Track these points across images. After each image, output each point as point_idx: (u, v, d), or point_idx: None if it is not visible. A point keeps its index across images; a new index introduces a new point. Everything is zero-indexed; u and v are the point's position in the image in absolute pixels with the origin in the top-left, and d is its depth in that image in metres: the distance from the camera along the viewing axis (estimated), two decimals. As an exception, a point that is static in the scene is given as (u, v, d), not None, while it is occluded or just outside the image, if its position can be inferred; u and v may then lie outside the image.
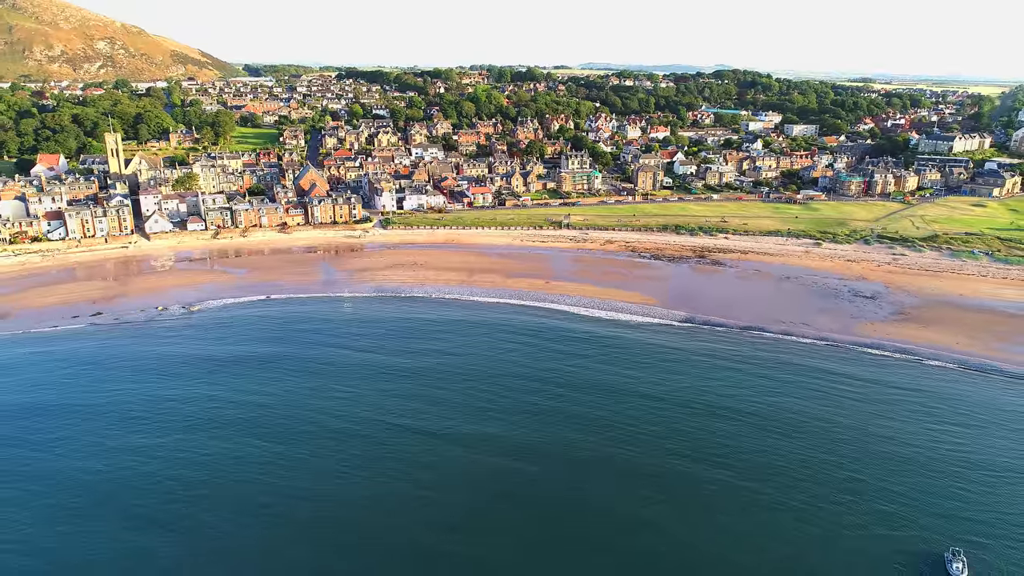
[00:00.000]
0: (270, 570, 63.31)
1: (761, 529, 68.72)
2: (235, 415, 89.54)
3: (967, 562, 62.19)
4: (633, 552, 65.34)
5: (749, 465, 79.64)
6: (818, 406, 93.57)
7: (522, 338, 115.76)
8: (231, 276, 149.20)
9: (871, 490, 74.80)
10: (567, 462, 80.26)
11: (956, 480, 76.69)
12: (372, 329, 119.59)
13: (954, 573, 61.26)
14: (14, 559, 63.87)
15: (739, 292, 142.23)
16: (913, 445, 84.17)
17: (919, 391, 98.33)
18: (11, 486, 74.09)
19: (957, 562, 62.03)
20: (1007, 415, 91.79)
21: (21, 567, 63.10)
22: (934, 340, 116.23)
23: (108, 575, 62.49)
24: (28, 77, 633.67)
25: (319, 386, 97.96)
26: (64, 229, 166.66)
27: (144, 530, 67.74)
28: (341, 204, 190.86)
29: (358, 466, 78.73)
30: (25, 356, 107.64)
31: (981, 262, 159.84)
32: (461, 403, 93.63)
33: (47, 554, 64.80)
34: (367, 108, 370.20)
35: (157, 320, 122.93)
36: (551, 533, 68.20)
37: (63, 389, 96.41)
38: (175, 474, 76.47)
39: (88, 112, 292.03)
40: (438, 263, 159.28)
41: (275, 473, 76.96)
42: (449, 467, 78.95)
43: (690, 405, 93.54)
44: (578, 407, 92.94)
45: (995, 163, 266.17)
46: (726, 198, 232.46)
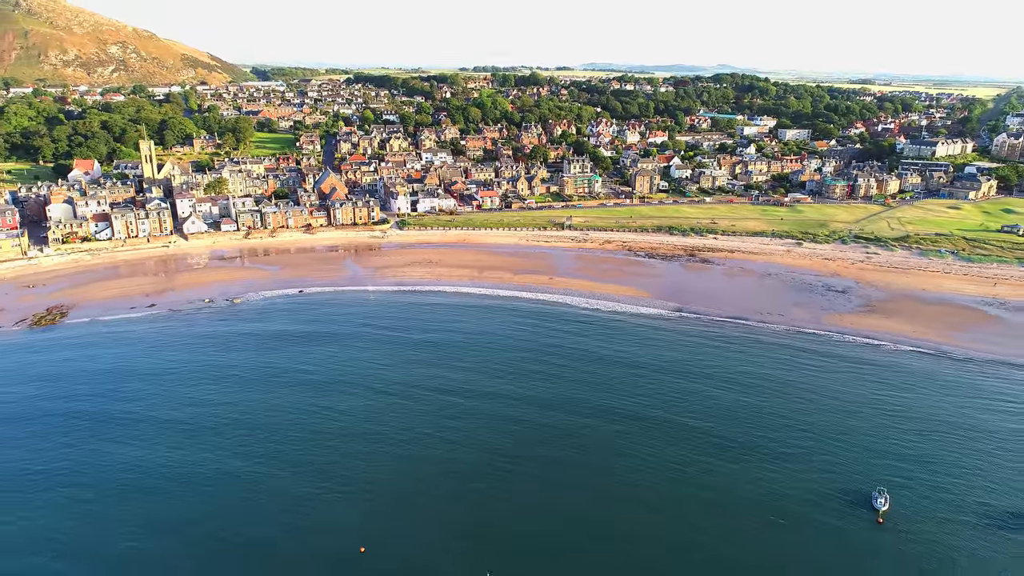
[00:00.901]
0: (348, 473, 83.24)
1: (724, 464, 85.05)
2: (289, 377, 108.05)
3: (888, 498, 77.64)
4: (620, 467, 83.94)
5: (717, 414, 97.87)
6: (780, 373, 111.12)
7: (529, 322, 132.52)
8: (266, 273, 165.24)
9: (817, 439, 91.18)
10: (567, 411, 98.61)
11: (890, 432, 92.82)
12: (397, 315, 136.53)
13: (877, 506, 76.70)
14: (160, 452, 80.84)
15: (724, 287, 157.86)
16: (857, 404, 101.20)
17: (871, 365, 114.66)
18: (140, 424, 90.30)
19: (880, 498, 77.52)
20: (944, 385, 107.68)
21: (166, 461, 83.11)
22: (894, 329, 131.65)
23: (214, 485, 79.75)
24: (44, 81, 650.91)
25: (354, 356, 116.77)
26: (111, 230, 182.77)
27: (237, 451, 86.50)
28: (360, 206, 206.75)
29: (396, 415, 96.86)
30: (105, 337, 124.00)
31: (946, 260, 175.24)
32: (478, 369, 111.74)
33: (184, 454, 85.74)
34: (377, 113, 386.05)
35: (206, 311, 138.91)
36: (556, 456, 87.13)
37: (145, 360, 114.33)
38: (252, 420, 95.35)
39: (116, 119, 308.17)
40: (451, 261, 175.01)
41: (329, 418, 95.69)
42: (471, 415, 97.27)
43: (673, 372, 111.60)
44: (577, 373, 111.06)
45: (975, 167, 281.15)
46: (718, 201, 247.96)
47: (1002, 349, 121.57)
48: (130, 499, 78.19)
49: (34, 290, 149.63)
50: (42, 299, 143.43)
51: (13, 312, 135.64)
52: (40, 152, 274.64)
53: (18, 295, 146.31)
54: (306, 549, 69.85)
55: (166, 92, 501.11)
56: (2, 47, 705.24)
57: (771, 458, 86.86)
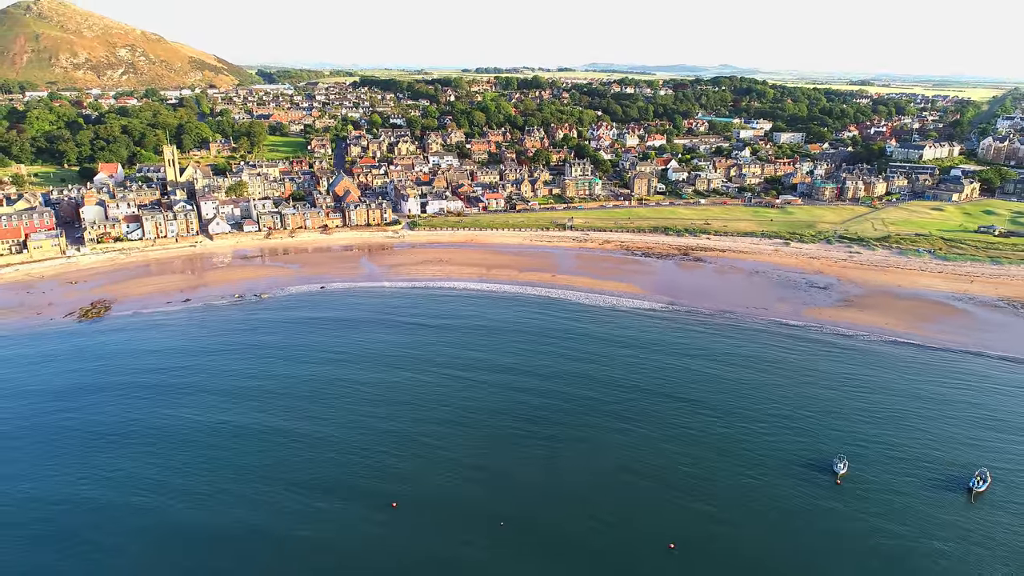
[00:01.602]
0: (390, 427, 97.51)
1: (705, 428, 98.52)
2: (319, 356, 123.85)
3: (848, 463, 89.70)
4: (612, 426, 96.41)
5: (701, 386, 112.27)
6: (758, 353, 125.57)
7: (534, 312, 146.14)
8: (288, 270, 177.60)
9: (788, 411, 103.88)
10: (566, 381, 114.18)
11: (853, 404, 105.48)
12: (413, 307, 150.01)
13: (836, 470, 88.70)
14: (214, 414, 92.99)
15: (715, 284, 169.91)
16: (825, 379, 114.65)
17: (841, 348, 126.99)
18: (199, 392, 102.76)
19: (840, 463, 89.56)
20: (906, 366, 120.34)
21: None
22: (868, 321, 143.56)
23: (261, 439, 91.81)
24: (55, 84, 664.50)
25: (376, 339, 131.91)
26: (141, 230, 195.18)
27: (279, 413, 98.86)
28: (373, 208, 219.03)
29: (415, 386, 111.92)
30: (149, 326, 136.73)
31: (923, 259, 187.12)
32: (489, 348, 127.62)
33: (234, 415, 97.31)
34: (384, 117, 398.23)
35: (237, 305, 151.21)
36: (557, 418, 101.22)
37: (188, 343, 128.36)
38: (289, 389, 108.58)
39: (135, 123, 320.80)
40: (460, 260, 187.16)
41: (356, 389, 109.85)
42: (484, 385, 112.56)
43: (661, 351, 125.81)
44: (576, 351, 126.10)
45: (960, 170, 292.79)
46: (713, 202, 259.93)
47: (964, 339, 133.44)
48: (190, 447, 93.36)
49: (76, 286, 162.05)
50: (85, 294, 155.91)
51: (61, 306, 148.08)
52: (65, 156, 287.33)
53: (63, 291, 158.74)
54: (341, 503, 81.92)
55: (178, 96, 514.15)
56: (14, 50, 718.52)
57: (747, 425, 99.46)
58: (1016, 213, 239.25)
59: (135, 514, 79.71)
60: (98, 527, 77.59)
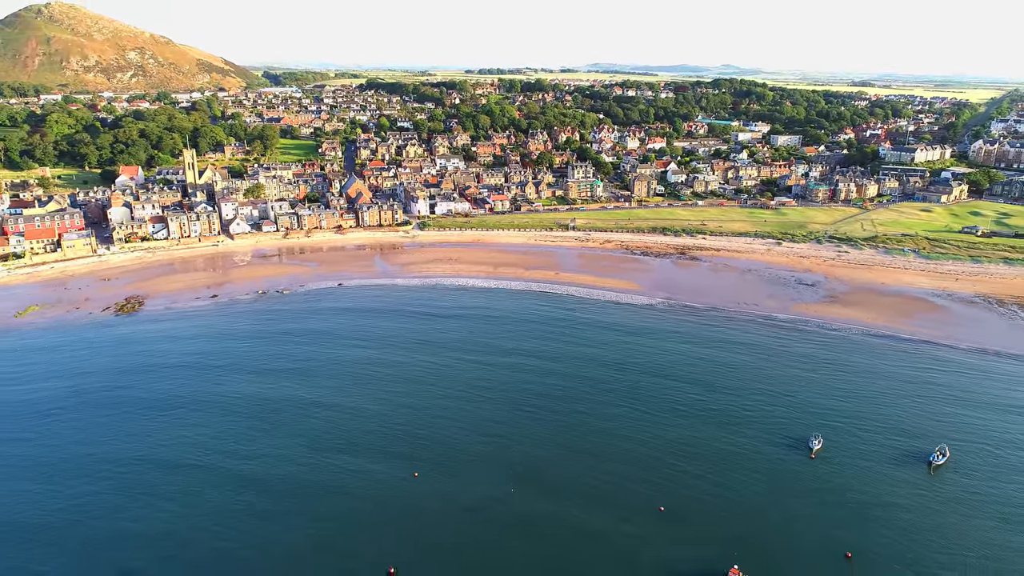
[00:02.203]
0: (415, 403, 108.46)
1: (693, 404, 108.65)
2: (344, 340, 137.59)
3: (822, 440, 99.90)
4: (608, 401, 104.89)
5: (691, 368, 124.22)
6: (747, 341, 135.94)
7: (539, 306, 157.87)
8: (307, 268, 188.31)
9: (769, 392, 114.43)
10: (569, 364, 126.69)
11: (830, 387, 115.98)
12: (427, 300, 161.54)
13: (811, 446, 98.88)
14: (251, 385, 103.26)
15: (709, 281, 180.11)
16: (806, 366, 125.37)
17: (824, 340, 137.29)
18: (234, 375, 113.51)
19: (815, 440, 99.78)
20: (882, 355, 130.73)
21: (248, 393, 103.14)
22: (851, 316, 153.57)
23: (297, 412, 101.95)
24: (67, 86, 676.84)
25: (395, 326, 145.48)
26: (166, 230, 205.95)
27: (312, 389, 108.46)
28: (385, 209, 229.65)
29: (434, 364, 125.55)
30: (182, 318, 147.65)
31: (908, 258, 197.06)
32: (499, 334, 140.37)
33: (270, 389, 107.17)
34: (391, 120, 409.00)
35: (260, 300, 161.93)
36: (559, 394, 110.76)
37: (222, 331, 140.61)
38: (317, 368, 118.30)
39: (152, 127, 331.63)
40: (469, 258, 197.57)
41: (381, 368, 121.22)
42: (495, 366, 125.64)
43: (657, 339, 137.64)
44: (578, 339, 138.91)
45: (950, 172, 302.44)
46: (710, 204, 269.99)
47: (939, 332, 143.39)
48: (233, 415, 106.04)
49: (110, 283, 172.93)
50: (119, 290, 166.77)
51: (98, 301, 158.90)
52: (86, 159, 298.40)
53: (98, 287, 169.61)
54: (368, 472, 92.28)
55: (188, 98, 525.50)
56: (26, 53, 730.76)
57: (733, 404, 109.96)
58: (1001, 214, 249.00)
59: (190, 470, 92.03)
60: (162, 481, 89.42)
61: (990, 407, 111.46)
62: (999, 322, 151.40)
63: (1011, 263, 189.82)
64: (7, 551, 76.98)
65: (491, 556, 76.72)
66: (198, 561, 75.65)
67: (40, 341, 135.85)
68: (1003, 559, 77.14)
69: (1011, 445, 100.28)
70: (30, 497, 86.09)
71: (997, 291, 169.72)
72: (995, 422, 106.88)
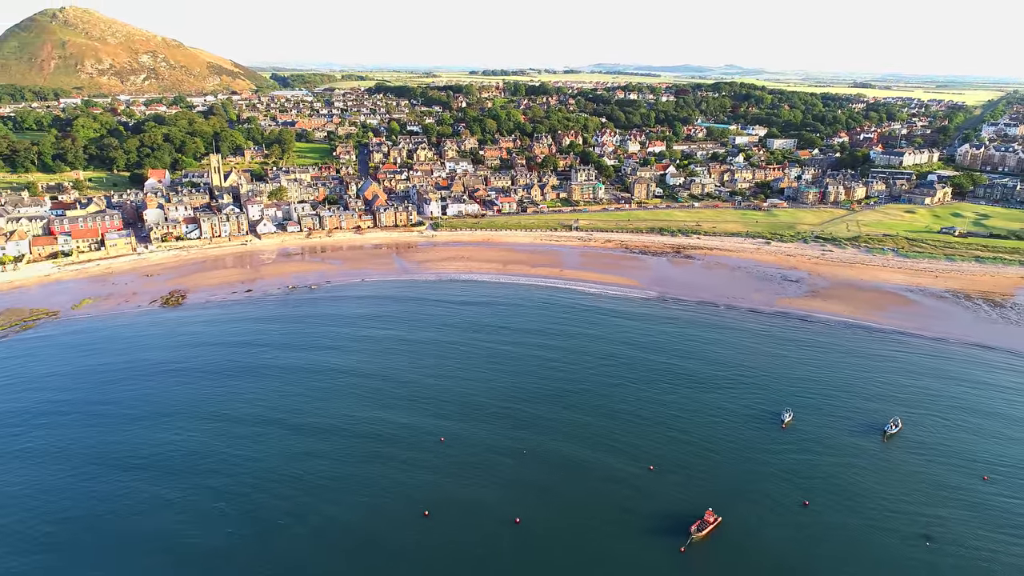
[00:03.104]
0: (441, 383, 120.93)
1: (681, 380, 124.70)
2: (371, 322, 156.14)
3: (793, 413, 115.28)
4: (606, 377, 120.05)
5: (679, 350, 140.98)
6: (732, 327, 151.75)
7: (545, 297, 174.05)
8: (331, 266, 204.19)
9: (753, 371, 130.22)
10: (573, 340, 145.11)
11: (800, 369, 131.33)
12: (443, 293, 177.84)
13: (783, 419, 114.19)
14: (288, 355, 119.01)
15: (702, 278, 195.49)
16: (783, 350, 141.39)
17: (802, 330, 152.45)
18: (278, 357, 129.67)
19: (787, 414, 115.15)
20: (851, 342, 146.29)
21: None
22: (829, 309, 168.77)
23: (335, 386, 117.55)
24: (82, 89, 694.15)
25: (416, 311, 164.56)
26: (199, 230, 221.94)
27: (345, 358, 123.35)
28: (400, 211, 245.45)
29: (453, 344, 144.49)
30: (223, 310, 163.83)
31: (887, 257, 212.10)
32: (511, 318, 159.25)
33: (311, 358, 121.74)
34: (401, 124, 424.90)
35: (292, 294, 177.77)
36: (561, 369, 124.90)
37: (263, 320, 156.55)
38: (348, 345, 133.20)
39: (175, 131, 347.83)
40: (479, 257, 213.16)
41: (408, 346, 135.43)
42: (507, 346, 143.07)
43: (650, 324, 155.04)
44: (581, 324, 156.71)
45: (935, 175, 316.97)
46: (706, 206, 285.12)
47: (908, 323, 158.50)
48: (283, 393, 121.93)
49: (152, 278, 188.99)
50: (161, 285, 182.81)
51: (145, 294, 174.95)
52: (114, 162, 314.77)
53: (142, 282, 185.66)
54: (400, 439, 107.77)
55: (203, 102, 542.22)
56: (42, 57, 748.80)
57: (715, 382, 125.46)
58: (980, 215, 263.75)
59: (256, 422, 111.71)
60: (231, 431, 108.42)
61: (943, 386, 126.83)
62: (964, 315, 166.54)
63: (982, 261, 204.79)
64: (131, 474, 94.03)
65: (505, 495, 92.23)
66: (271, 479, 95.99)
67: (100, 327, 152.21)
68: (936, 504, 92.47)
69: (958, 416, 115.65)
70: (145, 436, 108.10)
71: (966, 287, 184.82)
72: (946, 397, 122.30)
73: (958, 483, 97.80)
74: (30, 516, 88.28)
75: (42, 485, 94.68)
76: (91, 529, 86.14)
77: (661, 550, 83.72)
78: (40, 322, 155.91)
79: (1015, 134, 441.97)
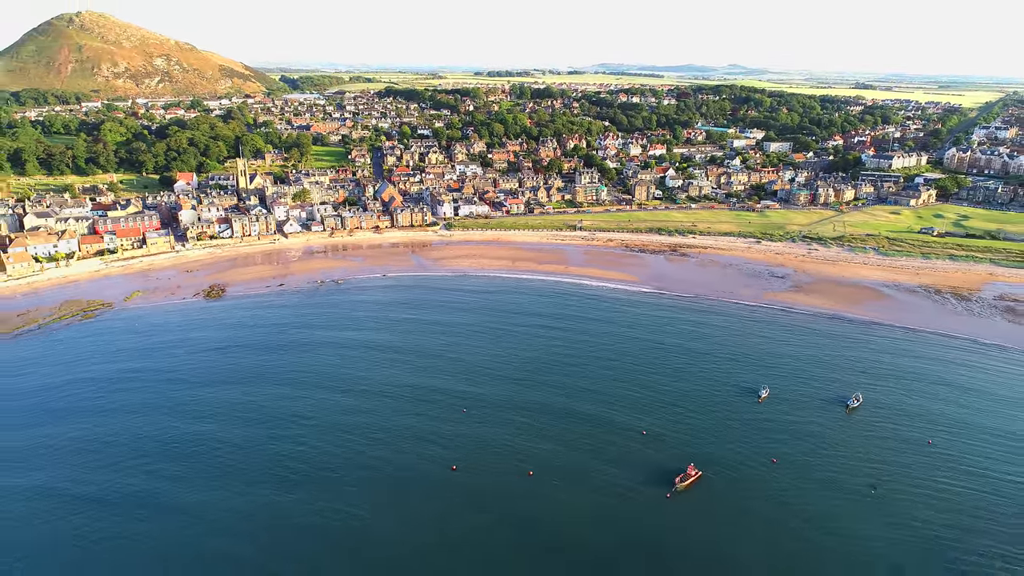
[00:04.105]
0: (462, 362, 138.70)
1: (671, 359, 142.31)
2: (400, 307, 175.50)
3: (769, 389, 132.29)
4: (605, 356, 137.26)
5: (671, 335, 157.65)
6: (721, 317, 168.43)
7: (550, 290, 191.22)
8: (354, 262, 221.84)
9: (737, 354, 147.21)
10: (577, 326, 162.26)
11: (778, 352, 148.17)
12: (459, 286, 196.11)
13: (760, 393, 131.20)
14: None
15: (695, 274, 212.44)
16: (764, 336, 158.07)
17: (783, 320, 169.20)
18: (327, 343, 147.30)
19: (764, 390, 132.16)
20: (826, 330, 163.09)
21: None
22: (810, 302, 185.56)
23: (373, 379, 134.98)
24: (98, 92, 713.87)
25: (435, 298, 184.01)
26: (231, 230, 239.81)
27: (379, 335, 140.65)
28: (416, 212, 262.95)
29: (473, 325, 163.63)
30: (261, 301, 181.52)
31: (868, 255, 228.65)
32: (521, 308, 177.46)
33: (348, 334, 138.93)
34: (412, 128, 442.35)
35: (321, 287, 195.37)
36: (566, 348, 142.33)
37: (298, 310, 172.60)
38: (383, 324, 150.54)
39: (199, 135, 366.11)
40: (490, 255, 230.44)
41: (435, 327, 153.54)
42: (514, 324, 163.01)
43: (646, 313, 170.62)
44: (583, 312, 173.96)
45: (922, 178, 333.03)
46: (702, 207, 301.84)
47: (881, 315, 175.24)
48: (326, 363, 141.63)
49: (192, 274, 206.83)
50: (201, 280, 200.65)
51: (188, 288, 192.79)
52: (144, 165, 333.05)
53: (183, 277, 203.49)
54: (429, 401, 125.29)
55: (218, 105, 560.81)
56: (59, 60, 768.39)
57: (703, 362, 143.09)
58: (961, 216, 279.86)
59: (305, 386, 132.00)
60: (290, 394, 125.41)
61: (904, 367, 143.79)
62: (932, 307, 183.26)
63: (955, 259, 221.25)
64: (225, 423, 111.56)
65: (519, 452, 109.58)
66: (323, 428, 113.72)
67: (152, 315, 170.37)
68: (884, 462, 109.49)
69: (912, 391, 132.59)
70: (210, 396, 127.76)
71: (937, 282, 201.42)
72: (905, 377, 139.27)
73: (905, 446, 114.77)
74: (126, 455, 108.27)
75: (133, 432, 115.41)
76: (170, 459, 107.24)
77: (651, 496, 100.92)
78: (98, 312, 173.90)
79: (1005, 137, 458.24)
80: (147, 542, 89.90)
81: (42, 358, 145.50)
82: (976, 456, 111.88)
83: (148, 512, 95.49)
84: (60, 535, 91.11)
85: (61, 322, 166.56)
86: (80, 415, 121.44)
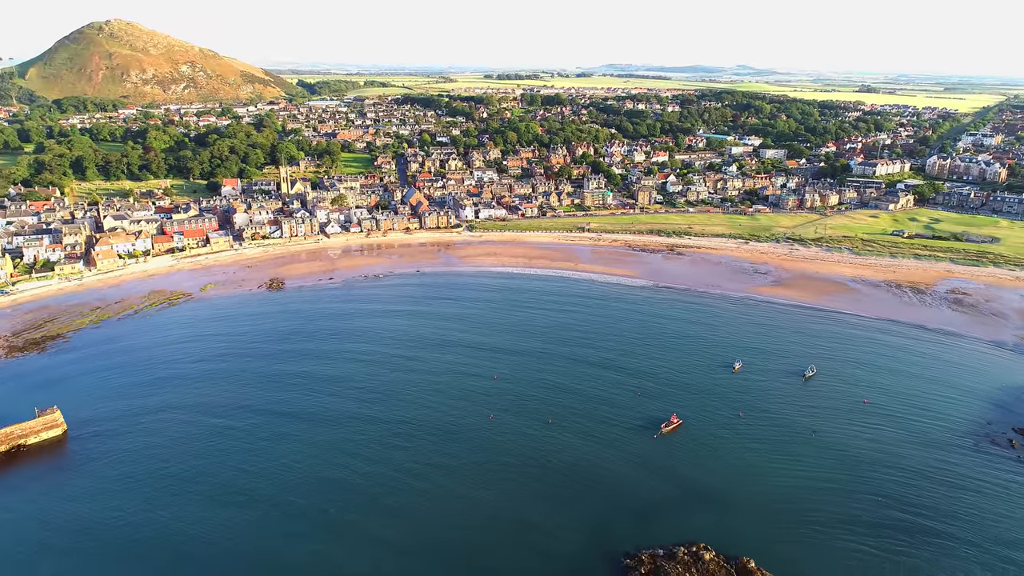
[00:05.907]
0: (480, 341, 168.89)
1: (664, 339, 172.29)
2: (433, 297, 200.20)
3: (742, 363, 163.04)
4: (605, 341, 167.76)
5: (664, 319, 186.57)
6: (707, 306, 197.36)
7: (561, 283, 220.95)
8: (391, 260, 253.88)
9: (717, 334, 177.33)
10: (584, 311, 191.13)
11: (752, 333, 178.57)
12: (483, 280, 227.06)
13: (735, 366, 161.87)
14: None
15: (688, 270, 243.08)
16: (742, 321, 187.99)
17: (760, 308, 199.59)
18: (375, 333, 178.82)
19: (737, 363, 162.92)
20: (795, 316, 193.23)
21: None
22: (786, 294, 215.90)
23: (414, 360, 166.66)
24: (128, 98, 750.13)
25: (461, 293, 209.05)
26: (280, 231, 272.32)
27: (419, 321, 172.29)
28: (441, 215, 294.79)
29: (494, 312, 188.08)
30: (316, 293, 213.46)
31: (843, 254, 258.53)
32: (536, 297, 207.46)
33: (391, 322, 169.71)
34: (431, 135, 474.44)
35: (365, 281, 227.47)
36: (575, 328, 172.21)
37: (350, 300, 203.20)
38: (421, 311, 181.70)
39: (238, 143, 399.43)
40: (509, 253, 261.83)
41: (464, 314, 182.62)
42: (532, 310, 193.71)
43: (643, 304, 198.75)
44: (589, 299, 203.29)
45: (903, 184, 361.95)
46: (699, 211, 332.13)
47: (845, 305, 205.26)
48: (379, 340, 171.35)
49: (252, 269, 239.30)
50: (262, 274, 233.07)
51: (251, 281, 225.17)
52: (191, 171, 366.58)
53: (245, 272, 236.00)
54: (464, 370, 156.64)
55: (247, 112, 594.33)
56: (91, 68, 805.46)
57: (689, 341, 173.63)
58: (933, 219, 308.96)
59: (366, 360, 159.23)
60: (355, 372, 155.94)
61: (856, 345, 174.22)
62: (891, 299, 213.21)
63: (919, 258, 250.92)
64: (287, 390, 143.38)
65: (540, 407, 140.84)
66: (383, 389, 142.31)
67: (227, 304, 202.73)
68: (828, 417, 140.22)
69: (859, 362, 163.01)
70: (290, 368, 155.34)
71: (899, 278, 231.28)
72: (857, 351, 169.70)
73: (845, 403, 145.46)
74: (226, 408, 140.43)
75: (230, 397, 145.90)
76: (262, 413, 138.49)
77: (641, 437, 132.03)
78: (181, 300, 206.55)
79: (990, 144, 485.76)
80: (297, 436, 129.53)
81: (158, 327, 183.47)
82: (900, 407, 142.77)
83: (287, 419, 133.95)
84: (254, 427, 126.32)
85: (152, 308, 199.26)
86: (222, 359, 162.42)
